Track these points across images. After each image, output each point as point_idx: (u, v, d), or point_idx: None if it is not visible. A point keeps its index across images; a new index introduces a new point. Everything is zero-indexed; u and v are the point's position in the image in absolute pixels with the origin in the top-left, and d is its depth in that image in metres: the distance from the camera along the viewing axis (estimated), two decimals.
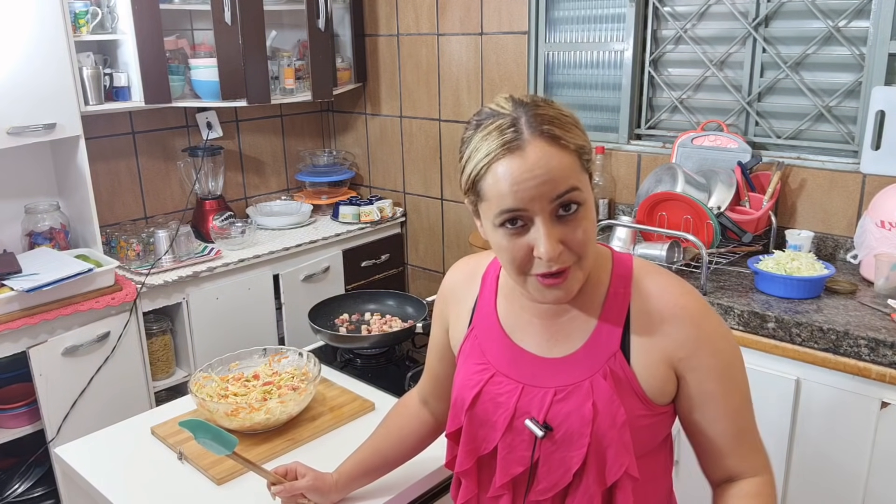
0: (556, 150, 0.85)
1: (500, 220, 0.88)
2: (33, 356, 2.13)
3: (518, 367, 0.99)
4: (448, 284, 1.14)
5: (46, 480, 2.31)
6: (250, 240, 2.77)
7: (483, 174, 0.87)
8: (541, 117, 0.87)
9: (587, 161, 0.90)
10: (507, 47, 2.75)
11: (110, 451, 1.45)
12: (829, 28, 2.09)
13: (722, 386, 0.95)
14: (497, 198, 0.86)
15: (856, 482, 1.68)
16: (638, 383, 0.93)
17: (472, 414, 1.01)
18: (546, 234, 0.86)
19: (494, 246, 0.92)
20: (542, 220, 0.86)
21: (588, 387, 0.93)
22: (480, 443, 1.01)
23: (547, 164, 0.85)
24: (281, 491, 1.19)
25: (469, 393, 1.01)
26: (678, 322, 0.93)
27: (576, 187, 0.86)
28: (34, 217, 2.47)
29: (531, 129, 0.86)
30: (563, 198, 0.86)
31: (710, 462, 1.01)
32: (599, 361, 0.94)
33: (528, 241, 0.88)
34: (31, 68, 2.20)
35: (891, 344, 1.59)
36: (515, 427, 0.97)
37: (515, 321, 1.02)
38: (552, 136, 0.86)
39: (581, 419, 0.92)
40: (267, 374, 1.59)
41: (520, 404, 0.97)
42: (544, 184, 0.84)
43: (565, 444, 0.94)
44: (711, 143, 2.26)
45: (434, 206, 3.17)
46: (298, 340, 2.75)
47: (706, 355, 0.93)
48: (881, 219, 1.87)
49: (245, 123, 3.17)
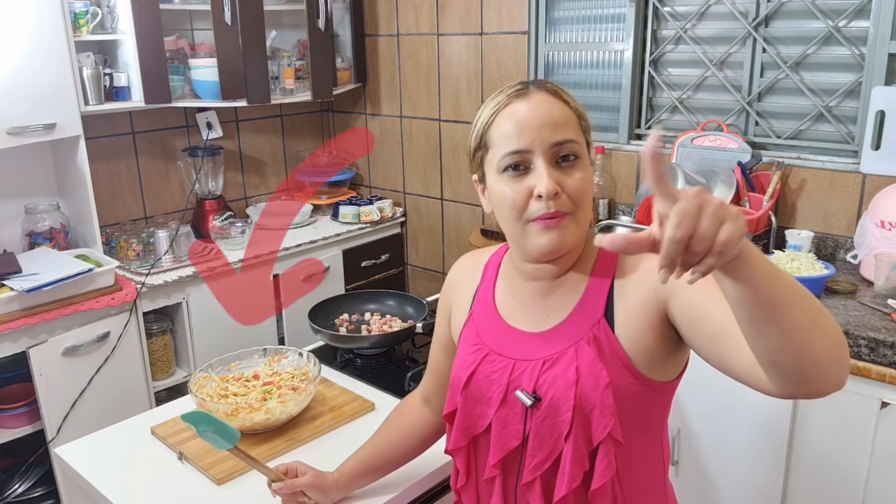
0: (558, 102, 0.97)
1: (505, 163, 0.95)
2: (33, 356, 2.13)
3: (510, 345, 1.02)
4: (453, 277, 1.18)
5: (46, 480, 2.31)
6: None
7: (491, 122, 0.98)
8: (544, 82, 1.00)
9: (585, 129, 1.00)
10: (507, 47, 2.75)
11: (110, 451, 1.45)
12: (829, 28, 2.09)
13: (704, 281, 0.83)
14: (503, 140, 0.95)
15: (856, 482, 1.68)
16: (622, 348, 0.95)
17: (467, 393, 1.03)
18: (546, 173, 0.93)
19: (497, 196, 0.98)
20: (543, 161, 0.93)
21: (572, 353, 0.96)
22: (476, 420, 1.03)
23: (549, 109, 0.95)
24: (282, 488, 1.19)
25: (464, 373, 1.03)
26: (652, 268, 0.95)
27: (574, 140, 0.95)
28: (34, 217, 2.47)
29: (536, 86, 0.98)
30: (562, 145, 0.94)
31: (732, 342, 0.84)
32: (584, 329, 0.97)
33: (528, 185, 0.94)
34: (31, 68, 2.20)
35: (891, 344, 1.59)
36: (508, 401, 0.99)
37: (510, 303, 1.05)
38: (554, 91, 0.98)
39: (565, 383, 0.94)
40: (267, 374, 1.59)
41: (512, 378, 0.99)
42: (545, 126, 0.94)
43: (553, 411, 0.95)
44: (711, 143, 2.26)
45: (434, 206, 3.17)
46: (298, 340, 2.75)
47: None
48: (881, 219, 1.87)
49: (245, 123, 3.17)
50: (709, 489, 1.92)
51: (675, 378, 0.99)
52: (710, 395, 1.83)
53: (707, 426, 1.88)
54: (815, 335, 0.71)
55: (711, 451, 1.89)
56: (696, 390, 1.83)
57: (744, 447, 1.83)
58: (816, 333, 0.71)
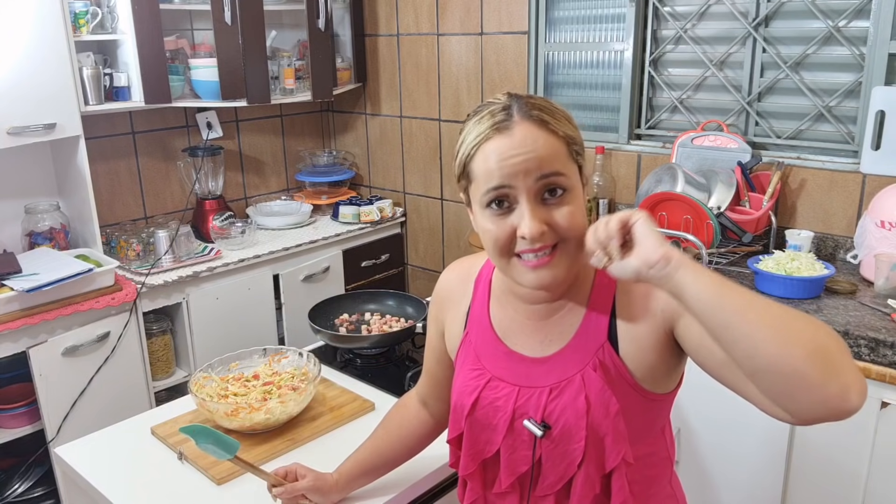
0: (544, 133, 0.89)
1: (487, 199, 0.90)
2: (33, 356, 2.13)
3: (513, 371, 1.00)
4: (442, 287, 1.15)
5: (46, 480, 2.31)
6: (250, 240, 2.77)
7: (473, 154, 0.91)
8: (531, 104, 0.91)
9: (577, 153, 0.93)
10: (507, 47, 2.75)
11: (110, 451, 1.45)
12: (829, 28, 2.09)
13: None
14: (484, 175, 0.90)
15: (856, 482, 1.68)
16: (628, 371, 0.93)
17: (472, 419, 1.02)
18: (529, 212, 0.88)
19: (481, 230, 0.94)
20: (527, 198, 0.88)
21: (580, 380, 0.94)
22: (483, 446, 1.02)
23: (533, 143, 0.88)
24: (282, 493, 1.19)
25: (468, 399, 1.02)
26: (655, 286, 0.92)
27: (561, 172, 0.89)
28: (34, 217, 2.47)
29: (521, 113, 0.90)
30: (547, 178, 0.88)
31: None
32: (589, 354, 0.95)
33: (511, 223, 0.90)
34: (31, 68, 2.20)
35: (891, 344, 1.59)
36: (515, 429, 0.98)
37: (508, 325, 1.02)
38: (541, 121, 0.90)
39: (576, 413, 0.93)
40: (267, 374, 1.59)
41: (517, 406, 0.98)
42: (529, 161, 0.87)
43: (564, 440, 0.94)
44: (711, 143, 2.26)
45: (434, 206, 3.17)
46: (298, 340, 2.75)
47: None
48: (881, 219, 1.87)
49: (245, 123, 3.17)
50: (709, 489, 1.92)
51: (675, 388, 1.00)
52: (711, 395, 1.82)
53: (707, 426, 1.88)
54: (785, 342, 0.72)
55: (711, 451, 1.89)
56: (696, 391, 1.83)
57: (744, 447, 1.82)
58: (787, 340, 0.72)
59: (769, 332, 0.73)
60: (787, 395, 0.73)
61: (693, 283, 0.77)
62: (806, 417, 0.75)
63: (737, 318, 0.74)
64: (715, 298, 0.76)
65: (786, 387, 0.73)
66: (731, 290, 0.76)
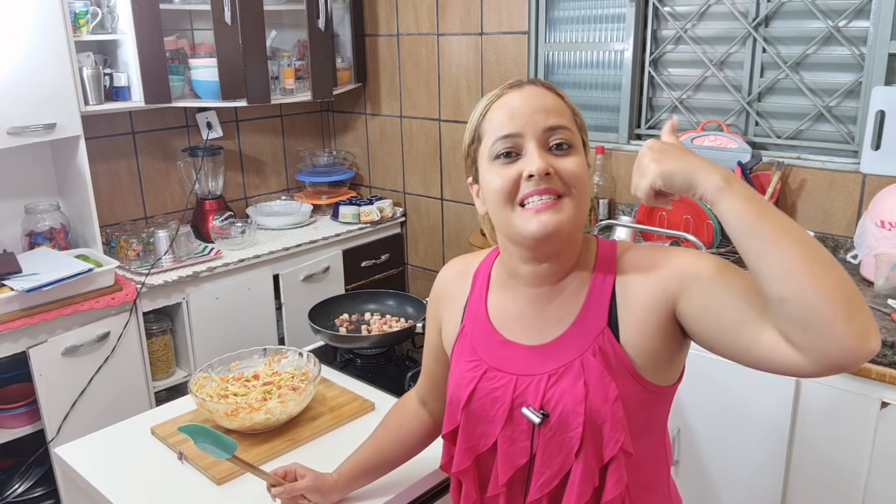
0: (552, 95, 0.98)
1: (496, 149, 0.94)
2: (33, 356, 2.13)
3: (510, 360, 1.00)
4: (440, 285, 1.15)
5: (46, 480, 2.31)
6: (250, 240, 2.77)
7: (484, 114, 0.98)
8: (539, 80, 1.01)
9: (580, 126, 0.99)
10: (507, 47, 2.75)
11: (110, 451, 1.46)
12: (829, 28, 2.09)
13: (711, 277, 0.90)
14: (496, 126, 0.95)
15: (856, 482, 1.68)
16: (628, 358, 0.93)
17: (468, 411, 1.01)
18: (537, 154, 0.92)
19: (487, 185, 0.96)
20: (535, 145, 0.93)
21: (579, 366, 0.94)
22: (479, 439, 1.01)
23: (542, 98, 0.96)
24: (281, 493, 1.19)
25: (464, 391, 1.01)
26: (654, 268, 0.94)
27: (567, 127, 0.95)
28: (34, 217, 2.47)
29: (530, 81, 0.99)
30: (554, 131, 0.93)
31: (758, 323, 0.83)
32: (588, 340, 0.95)
33: (518, 168, 0.93)
34: (31, 68, 2.20)
35: (891, 344, 1.59)
36: (514, 418, 0.97)
37: (506, 315, 1.02)
38: (548, 86, 0.99)
39: (574, 398, 0.92)
40: (267, 374, 1.59)
41: (516, 395, 0.97)
42: (538, 112, 0.94)
43: (562, 427, 0.93)
44: (711, 143, 2.26)
45: (434, 206, 3.17)
46: (298, 340, 2.75)
47: (688, 266, 0.91)
48: (881, 219, 1.87)
49: (245, 123, 3.17)
50: (709, 489, 1.92)
51: (675, 382, 0.99)
52: (711, 394, 1.83)
53: (707, 426, 1.88)
54: (814, 267, 0.74)
55: (711, 450, 1.89)
56: (696, 390, 1.83)
57: (744, 447, 1.83)
58: (816, 266, 0.74)
59: (800, 255, 0.75)
60: (812, 329, 0.74)
61: (737, 196, 0.80)
62: (823, 359, 0.75)
63: (780, 231, 0.77)
64: (758, 209, 0.79)
65: (812, 319, 0.73)
66: (770, 212, 0.79)
